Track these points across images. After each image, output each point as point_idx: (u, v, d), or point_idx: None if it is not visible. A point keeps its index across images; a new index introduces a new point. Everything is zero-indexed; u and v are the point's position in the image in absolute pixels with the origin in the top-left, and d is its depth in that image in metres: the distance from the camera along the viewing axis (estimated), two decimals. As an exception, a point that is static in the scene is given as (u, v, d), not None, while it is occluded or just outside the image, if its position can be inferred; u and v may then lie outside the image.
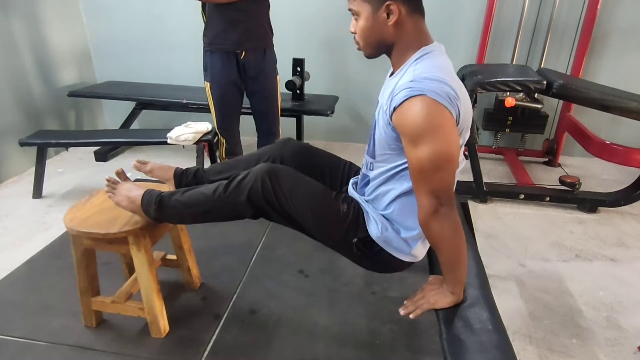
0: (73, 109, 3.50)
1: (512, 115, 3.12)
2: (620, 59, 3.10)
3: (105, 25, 3.54)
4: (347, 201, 1.22)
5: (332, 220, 1.20)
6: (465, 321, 1.08)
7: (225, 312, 1.62)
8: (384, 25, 1.03)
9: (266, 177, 1.16)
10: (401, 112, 0.96)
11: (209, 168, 1.51)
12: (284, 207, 1.19)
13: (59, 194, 2.71)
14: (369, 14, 1.03)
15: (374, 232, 1.17)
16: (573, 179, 2.57)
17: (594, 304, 1.81)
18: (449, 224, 1.01)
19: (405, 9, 1.02)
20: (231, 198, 1.20)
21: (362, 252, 1.19)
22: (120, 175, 1.42)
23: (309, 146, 1.43)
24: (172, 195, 1.31)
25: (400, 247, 1.18)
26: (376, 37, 1.05)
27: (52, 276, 1.81)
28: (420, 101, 0.93)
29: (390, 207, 1.16)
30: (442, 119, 0.94)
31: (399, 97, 0.96)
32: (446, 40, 3.22)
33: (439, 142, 0.94)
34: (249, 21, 2.13)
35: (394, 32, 1.04)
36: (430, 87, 0.94)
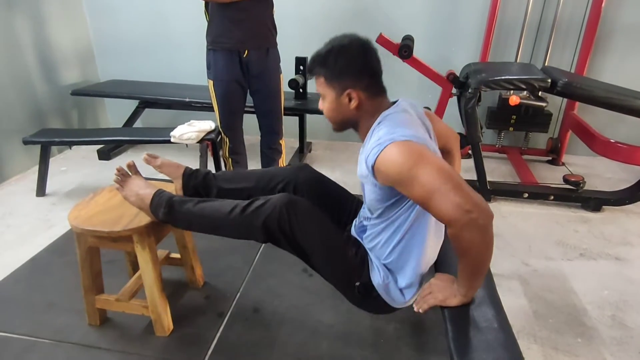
0: (76, 107, 3.50)
1: (515, 114, 3.11)
2: (625, 57, 3.08)
3: (108, 24, 3.54)
4: (355, 245, 1.27)
5: (340, 261, 1.25)
6: (471, 320, 1.08)
7: (228, 311, 1.62)
8: (346, 108, 1.13)
9: (284, 209, 1.19)
10: (381, 166, 1.01)
11: (219, 174, 1.51)
12: (297, 240, 1.22)
13: (62, 192, 2.71)
14: (333, 98, 1.14)
15: (376, 280, 1.22)
16: (577, 178, 2.56)
17: (599, 303, 1.80)
18: (484, 237, 0.95)
19: (365, 95, 1.12)
20: (247, 221, 1.22)
21: (362, 295, 1.24)
22: (132, 168, 1.42)
23: (323, 177, 1.47)
24: (183, 202, 1.32)
25: (396, 297, 1.23)
26: (340, 117, 1.17)
27: (55, 274, 1.82)
28: (392, 147, 0.99)
29: (390, 256, 1.21)
30: (418, 147, 0.99)
31: (372, 155, 1.02)
32: (450, 37, 3.22)
33: (430, 163, 0.96)
34: (252, 20, 2.13)
35: (356, 113, 1.14)
36: (394, 136, 1.00)
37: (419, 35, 2.94)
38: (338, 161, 3.27)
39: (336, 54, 1.11)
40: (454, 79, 2.69)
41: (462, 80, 2.61)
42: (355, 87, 1.11)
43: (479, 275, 1.06)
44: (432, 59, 2.98)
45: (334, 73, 1.12)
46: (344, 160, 3.29)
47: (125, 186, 1.38)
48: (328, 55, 1.12)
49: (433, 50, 3.20)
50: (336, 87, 1.12)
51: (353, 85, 1.11)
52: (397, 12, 3.19)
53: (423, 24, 3.18)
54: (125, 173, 1.41)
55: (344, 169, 3.11)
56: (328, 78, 1.13)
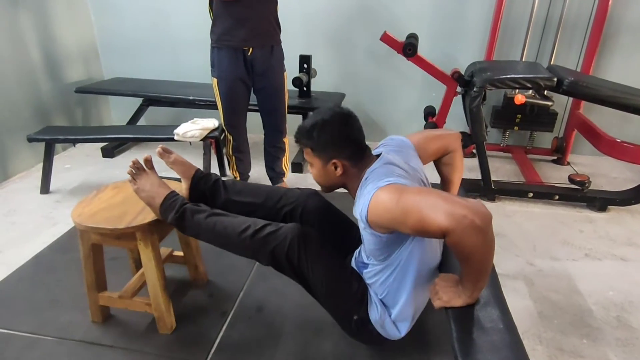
0: (80, 105, 3.51)
1: (520, 113, 3.08)
2: (632, 56, 3.06)
3: (113, 22, 3.54)
4: (357, 280, 1.30)
5: (342, 295, 1.29)
6: (476, 320, 1.07)
7: (231, 310, 1.62)
8: (333, 174, 1.22)
9: (295, 240, 1.24)
10: (373, 215, 1.05)
11: (229, 184, 1.52)
12: (302, 270, 1.26)
13: (66, 189, 2.72)
14: (320, 167, 1.22)
15: (373, 316, 1.27)
16: (583, 178, 2.54)
17: (604, 304, 1.79)
18: (484, 239, 0.93)
19: (349, 163, 1.19)
20: (256, 245, 1.27)
21: (358, 329, 1.29)
22: (148, 163, 1.42)
23: (330, 206, 1.51)
24: (195, 212, 1.33)
25: (391, 332, 1.28)
26: (329, 182, 1.26)
27: (59, 271, 1.82)
28: (378, 193, 1.03)
29: (385, 291, 1.25)
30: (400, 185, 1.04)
31: (364, 209, 1.06)
32: (455, 36, 3.20)
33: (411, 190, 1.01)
34: (256, 18, 2.12)
35: (342, 178, 1.22)
36: (379, 184, 1.06)
37: (423, 33, 2.92)
38: (342, 160, 3.26)
39: (319, 128, 1.18)
40: (459, 77, 2.67)
41: (467, 79, 2.59)
42: (339, 157, 1.18)
43: (483, 276, 1.05)
44: (437, 57, 2.97)
45: (318, 145, 1.19)
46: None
47: (138, 180, 1.37)
48: (312, 129, 1.19)
49: (437, 48, 3.18)
50: (322, 157, 1.20)
51: (337, 155, 1.18)
52: (402, 9, 3.17)
53: (427, 22, 3.17)
54: (141, 167, 1.40)
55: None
56: (314, 149, 1.21)
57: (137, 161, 1.39)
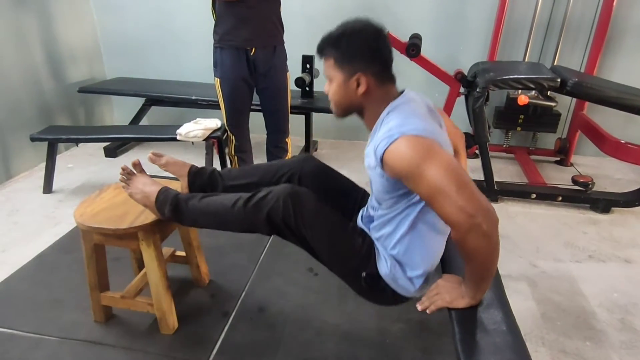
0: (83, 105, 3.51)
1: (523, 114, 3.08)
2: (636, 57, 3.04)
3: (115, 22, 3.55)
4: (361, 235, 1.24)
5: (346, 252, 1.22)
6: (478, 322, 1.06)
7: (233, 310, 1.62)
8: (353, 93, 1.10)
9: (288, 200, 1.17)
10: (390, 159, 0.99)
11: (225, 172, 1.50)
12: (301, 232, 1.20)
13: (69, 189, 2.72)
14: (341, 81, 1.10)
15: (383, 270, 1.19)
16: (586, 179, 2.53)
17: (608, 306, 1.78)
18: (488, 243, 0.93)
19: (374, 81, 1.08)
20: (250, 214, 1.21)
21: (369, 286, 1.22)
22: (137, 166, 1.42)
23: (328, 168, 1.45)
24: (189, 199, 1.31)
25: (405, 286, 1.20)
26: (347, 102, 1.13)
27: (61, 271, 1.82)
28: (402, 141, 0.96)
29: (395, 247, 1.18)
30: (428, 142, 0.97)
31: (381, 147, 0.99)
32: (458, 36, 3.19)
33: (439, 160, 0.94)
34: (259, 18, 2.12)
35: (363, 100, 1.11)
36: (405, 130, 0.98)
37: (426, 34, 2.91)
38: (344, 160, 3.26)
39: (349, 36, 1.08)
40: (462, 78, 2.67)
41: (470, 80, 2.59)
42: (365, 71, 1.07)
43: (486, 279, 1.05)
44: (440, 57, 2.96)
45: (345, 55, 1.08)
46: (351, 159, 3.28)
47: (130, 184, 1.38)
48: (341, 36, 1.09)
49: (440, 48, 3.18)
50: (345, 70, 1.09)
51: (363, 69, 1.07)
52: (405, 10, 3.17)
53: (430, 23, 3.16)
54: (131, 172, 1.40)
55: (351, 168, 3.09)
56: (338, 60, 1.09)
57: (126, 167, 1.39)
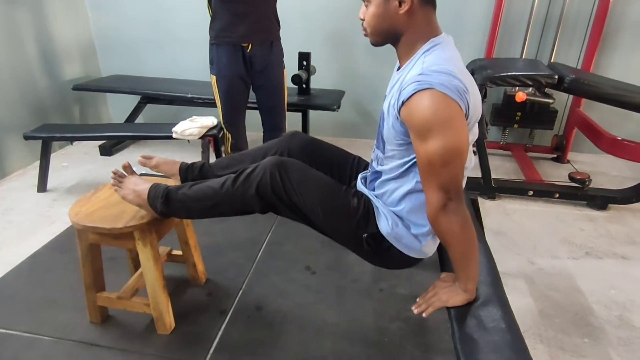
0: (78, 102, 3.48)
1: (520, 111, 3.08)
2: (633, 53, 3.05)
3: (110, 19, 3.52)
4: (357, 195, 1.20)
5: (342, 214, 1.18)
6: (477, 320, 1.06)
7: (231, 309, 1.60)
8: (394, 13, 1.00)
9: (275, 170, 1.15)
10: (410, 106, 0.94)
11: (215, 162, 1.49)
12: (293, 201, 1.17)
13: (63, 187, 2.70)
14: (381, 1, 1.01)
15: (384, 228, 1.15)
16: (583, 176, 2.53)
17: (606, 303, 1.78)
18: (457, 218, 0.99)
19: (419, 1, 1.00)
20: (239, 191, 1.18)
21: (372, 248, 1.17)
22: (127, 168, 1.41)
23: (317, 140, 1.41)
24: (179, 189, 1.29)
25: (411, 244, 1.16)
26: (385, 25, 1.03)
27: (56, 271, 1.80)
28: (429, 95, 0.91)
29: (400, 204, 1.14)
30: (452, 112, 0.92)
31: (407, 90, 0.94)
32: (455, 33, 3.14)
33: (448, 136, 0.92)
34: (255, 14, 2.10)
35: (404, 22, 1.01)
36: (439, 80, 0.92)
37: (423, 31, 2.90)
38: (341, 158, 3.25)
39: None
40: (459, 75, 2.66)
41: (467, 77, 2.58)
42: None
43: (469, 261, 1.06)
44: (437, 54, 2.94)
45: None
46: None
47: (122, 186, 1.36)
48: None
49: (437, 46, 3.16)
50: None
51: None
52: (402, 7, 3.15)
53: (428, 20, 3.14)
54: (121, 174, 1.39)
55: (347, 166, 3.08)
56: None
57: (116, 170, 1.38)
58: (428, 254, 1.20)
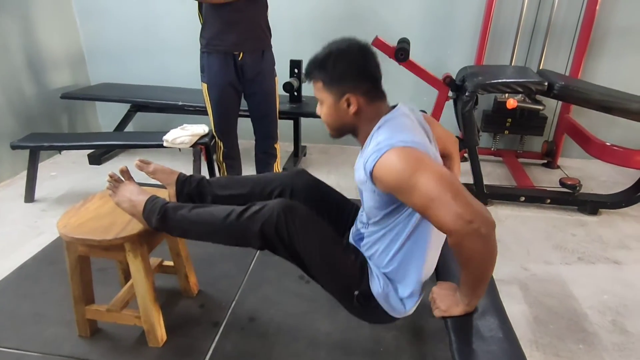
0: (66, 111, 3.44)
1: (511, 117, 3.10)
2: (619, 60, 3.09)
3: (100, 27, 3.49)
4: (355, 252, 1.24)
5: (339, 269, 1.21)
6: (475, 329, 1.05)
7: (224, 320, 1.58)
8: (345, 113, 1.10)
9: (282, 214, 1.16)
10: (380, 172, 0.98)
11: (214, 180, 1.47)
12: (294, 246, 1.18)
13: (52, 198, 2.65)
14: (331, 103, 1.11)
15: (375, 288, 1.19)
16: (574, 181, 2.55)
17: (599, 308, 1.79)
18: (487, 246, 0.93)
19: (364, 100, 1.09)
20: (243, 226, 1.19)
21: (361, 305, 1.21)
22: (125, 174, 1.38)
23: (321, 183, 1.44)
24: (177, 209, 1.28)
25: (397, 307, 1.20)
26: (338, 122, 1.14)
27: (44, 283, 1.76)
28: (392, 153, 0.96)
29: (389, 265, 1.18)
30: (418, 154, 0.96)
31: (371, 161, 0.99)
32: (445, 41, 3.21)
33: (429, 170, 0.94)
34: (246, 22, 2.09)
35: (354, 119, 1.11)
36: (394, 142, 0.98)
37: (414, 38, 2.92)
38: (334, 165, 3.24)
39: (335, 58, 1.08)
40: (451, 82, 2.67)
41: (458, 84, 2.59)
42: (355, 92, 1.08)
43: (482, 284, 1.04)
44: (428, 61, 2.96)
45: (332, 78, 1.09)
46: (340, 163, 3.27)
47: (117, 192, 1.34)
48: (327, 59, 1.09)
49: (428, 53, 3.19)
50: (335, 92, 1.09)
51: (352, 90, 1.08)
52: (392, 14, 3.17)
53: (418, 27, 3.17)
54: (118, 179, 1.37)
55: (340, 173, 3.08)
56: (326, 83, 1.10)
57: (113, 174, 1.36)
58: (410, 313, 1.23)
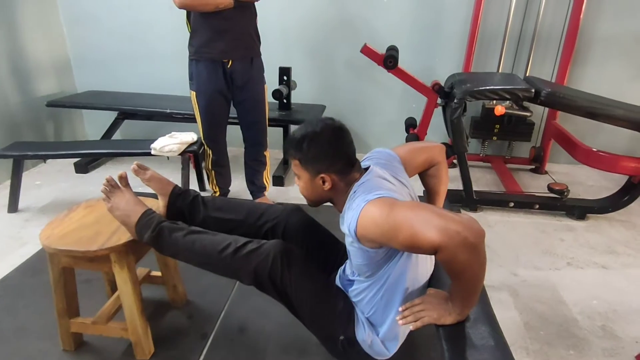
0: (52, 119, 3.39)
1: (499, 123, 3.13)
2: (603, 67, 3.15)
3: (87, 34, 3.45)
4: (343, 299, 1.26)
5: (327, 315, 1.25)
6: (467, 338, 1.04)
7: (212, 331, 1.55)
8: (320, 189, 1.17)
9: (278, 258, 1.19)
10: (362, 229, 1.01)
11: (209, 200, 1.47)
12: (285, 289, 1.22)
13: (36, 207, 2.60)
14: (307, 180, 1.17)
15: (360, 335, 1.21)
16: (561, 186, 2.58)
17: (589, 313, 1.79)
18: (477, 256, 0.95)
19: (338, 178, 1.15)
20: (237, 264, 1.22)
21: (344, 350, 1.23)
22: (123, 180, 1.36)
23: (315, 222, 1.46)
24: (173, 231, 1.27)
25: (380, 351, 1.22)
26: (315, 196, 1.21)
27: (27, 296, 1.72)
28: (368, 206, 0.99)
29: (372, 310, 1.21)
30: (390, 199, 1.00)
31: (353, 223, 1.02)
32: (434, 48, 3.23)
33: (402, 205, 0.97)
34: (235, 30, 2.09)
35: (329, 193, 1.18)
36: (369, 197, 1.02)
37: (402, 46, 2.94)
38: (323, 172, 3.23)
39: (309, 141, 1.13)
40: (440, 89, 2.69)
41: (447, 91, 2.61)
42: (328, 171, 1.13)
43: (474, 294, 1.04)
44: (416, 69, 2.99)
45: (307, 158, 1.14)
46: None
47: (112, 198, 1.31)
48: (302, 141, 1.14)
49: (417, 60, 3.21)
50: (310, 170, 1.15)
51: (326, 170, 1.13)
52: (381, 22, 3.20)
53: (407, 35, 3.20)
54: (115, 184, 1.34)
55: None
56: (302, 162, 1.15)
57: (111, 179, 1.34)
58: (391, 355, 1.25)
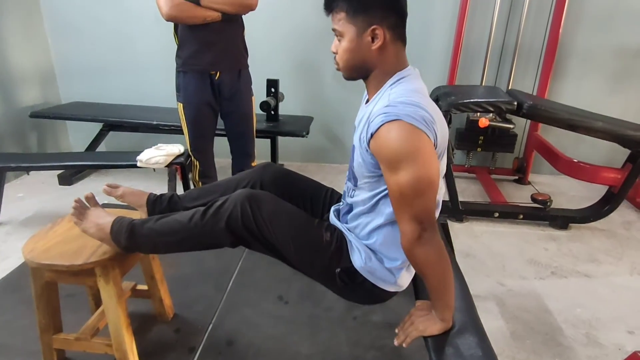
0: (35, 130, 3.34)
1: (483, 135, 3.19)
2: (582, 80, 3.25)
3: (71, 45, 3.43)
4: (330, 229, 1.19)
5: (314, 249, 1.16)
6: (454, 348, 1.05)
7: (200, 345, 1.53)
8: (367, 48, 1.02)
9: (246, 203, 1.12)
10: (378, 138, 0.96)
11: (185, 194, 1.44)
12: (264, 235, 1.14)
13: (18, 220, 2.54)
14: (353, 36, 1.01)
15: (357, 262, 1.15)
16: (544, 197, 2.63)
17: (573, 322, 1.82)
18: (433, 249, 0.98)
19: (390, 35, 1.01)
20: (208, 226, 1.14)
21: (345, 283, 1.16)
22: (90, 200, 1.33)
23: (290, 171, 1.40)
24: (144, 223, 1.23)
25: (385, 277, 1.15)
26: (358, 59, 1.04)
27: (8, 312, 1.67)
28: (397, 126, 0.92)
29: (372, 236, 1.14)
30: (420, 142, 0.93)
31: (375, 123, 0.96)
32: (419, 62, 3.26)
33: (418, 167, 0.92)
34: (223, 42, 2.10)
35: (376, 57, 1.03)
36: (405, 112, 0.93)
37: (388, 59, 2.99)
38: (311, 183, 3.24)
39: None
40: (424, 101, 2.73)
41: (432, 103, 2.65)
42: (382, 23, 0.99)
43: (445, 290, 1.05)
44: (402, 81, 3.03)
45: (359, 5, 0.99)
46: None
47: (83, 219, 1.28)
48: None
49: (402, 73, 3.26)
50: (359, 22, 0.99)
51: (380, 21, 0.99)
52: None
53: (392, 48, 3.25)
54: (83, 205, 1.31)
55: (317, 191, 3.07)
56: (351, 12, 0.99)
57: (79, 199, 1.29)
58: (403, 286, 1.20)
